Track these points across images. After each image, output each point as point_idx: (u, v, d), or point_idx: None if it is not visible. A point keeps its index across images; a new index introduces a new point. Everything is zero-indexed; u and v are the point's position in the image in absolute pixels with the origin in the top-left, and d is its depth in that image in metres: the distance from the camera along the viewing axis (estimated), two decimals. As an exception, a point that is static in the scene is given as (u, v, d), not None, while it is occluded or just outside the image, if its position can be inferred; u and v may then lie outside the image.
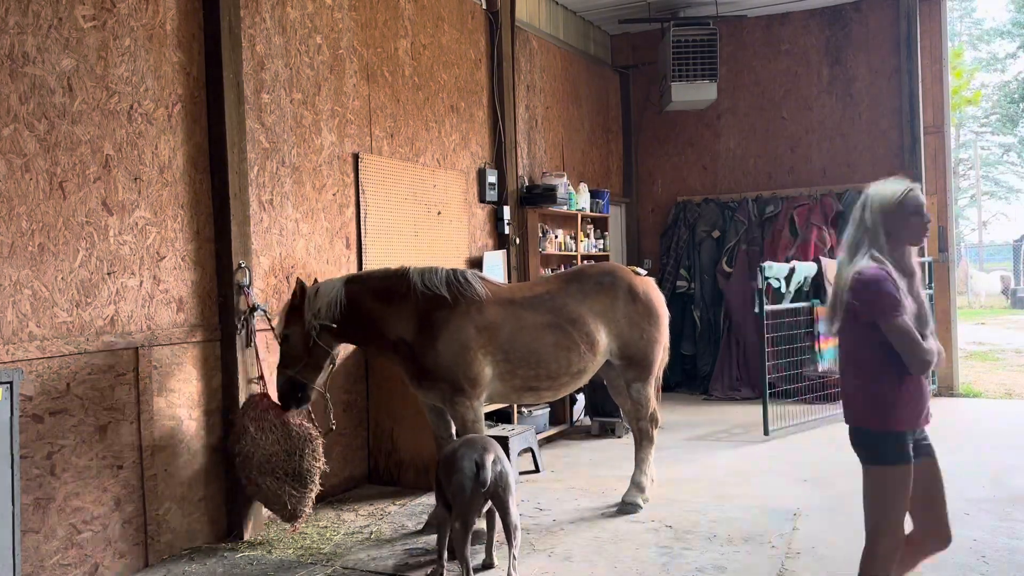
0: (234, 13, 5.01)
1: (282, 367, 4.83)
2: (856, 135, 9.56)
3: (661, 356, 5.49)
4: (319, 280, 5.00)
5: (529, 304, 5.02)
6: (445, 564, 4.27)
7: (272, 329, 5.15)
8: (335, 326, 4.77)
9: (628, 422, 5.63)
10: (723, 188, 10.21)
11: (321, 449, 4.89)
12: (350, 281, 4.91)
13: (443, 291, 4.83)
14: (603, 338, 5.13)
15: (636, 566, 4.36)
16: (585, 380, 5.25)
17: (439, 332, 4.78)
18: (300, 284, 4.81)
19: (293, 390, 4.80)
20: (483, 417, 4.99)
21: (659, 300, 5.44)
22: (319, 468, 4.86)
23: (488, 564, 4.38)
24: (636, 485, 5.35)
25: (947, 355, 9.19)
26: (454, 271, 4.97)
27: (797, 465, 6.35)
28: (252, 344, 5.04)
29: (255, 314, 5.04)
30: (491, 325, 4.87)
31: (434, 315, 4.81)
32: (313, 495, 4.88)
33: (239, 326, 4.97)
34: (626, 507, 5.29)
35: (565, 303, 5.06)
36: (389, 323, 4.85)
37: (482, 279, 5.05)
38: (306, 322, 4.74)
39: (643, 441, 5.42)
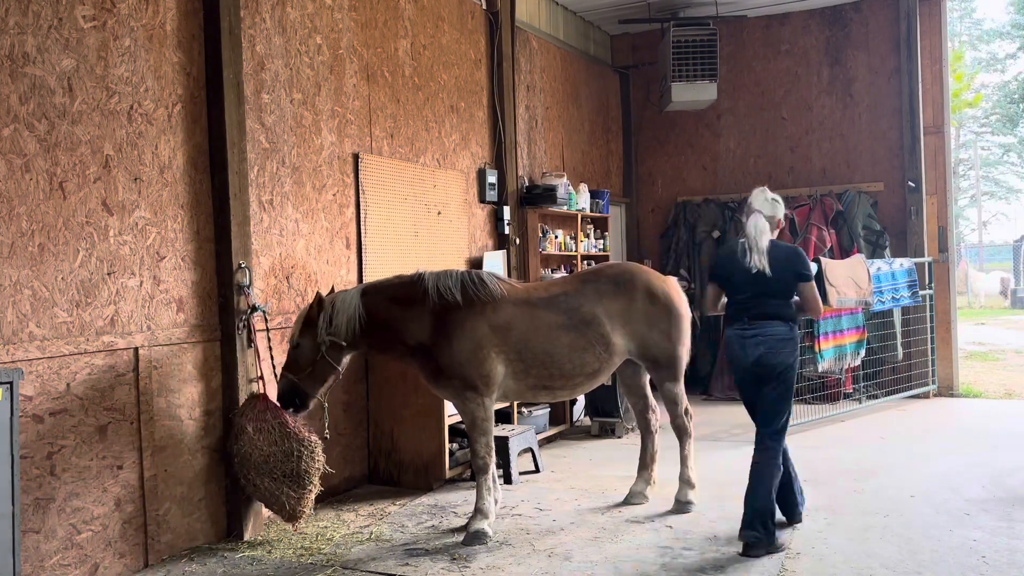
0: (234, 13, 5.01)
1: (286, 371, 4.86)
2: (856, 135, 9.56)
3: (686, 355, 5.44)
4: (335, 290, 5.03)
5: (544, 304, 5.03)
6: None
7: (267, 330, 5.17)
8: (345, 344, 4.83)
9: (637, 420, 5.64)
10: (723, 188, 10.21)
11: (320, 451, 4.89)
12: (366, 293, 4.95)
13: (457, 294, 4.88)
14: (620, 339, 5.11)
15: (636, 566, 4.36)
16: (603, 380, 5.26)
17: (454, 332, 4.83)
18: (319, 297, 4.82)
19: (293, 395, 4.83)
20: (493, 416, 5.01)
21: (680, 300, 5.36)
22: (317, 469, 4.86)
23: None
24: (687, 482, 5.32)
25: (947, 355, 9.22)
26: (468, 273, 5.02)
27: (797, 465, 6.33)
28: (252, 344, 5.04)
29: (255, 314, 5.04)
30: (505, 324, 4.90)
31: (450, 316, 4.86)
32: (312, 496, 4.89)
33: (240, 326, 4.97)
34: (682, 506, 5.24)
35: (580, 304, 5.04)
36: (408, 329, 4.90)
37: (498, 279, 5.08)
38: (318, 335, 4.78)
39: (683, 437, 5.39)
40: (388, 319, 4.91)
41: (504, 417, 6.75)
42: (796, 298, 4.65)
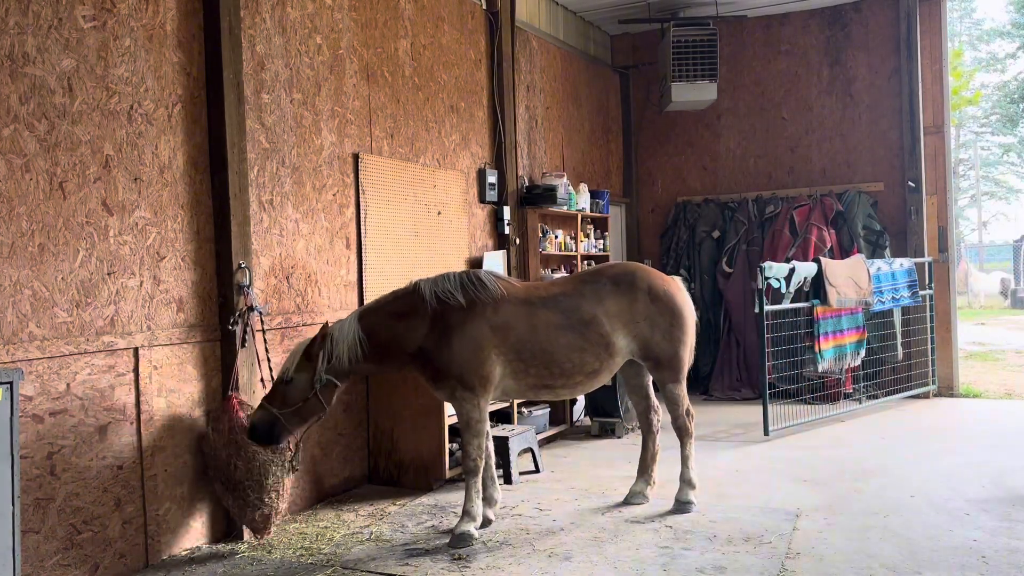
0: (234, 13, 5.01)
1: (268, 402, 4.62)
2: (856, 135, 9.56)
3: (688, 356, 5.43)
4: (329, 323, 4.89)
5: (543, 304, 5.01)
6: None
7: (264, 331, 5.17)
8: (339, 384, 4.74)
9: (639, 420, 5.63)
10: (723, 188, 10.21)
11: (261, 463, 4.67)
12: (363, 316, 4.86)
13: (459, 296, 4.86)
14: (620, 339, 5.10)
15: (636, 566, 4.36)
16: (603, 380, 5.24)
17: (454, 332, 4.81)
18: (324, 331, 4.65)
19: (270, 429, 4.57)
20: (488, 418, 5.00)
21: (683, 300, 5.34)
22: (260, 484, 4.65)
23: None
24: (687, 482, 5.32)
25: (947, 355, 9.22)
26: (467, 274, 4.99)
27: (797, 465, 6.35)
28: (246, 344, 5.01)
29: (252, 314, 5.02)
30: (505, 324, 4.89)
31: (450, 317, 4.83)
32: (260, 512, 4.71)
33: (233, 323, 4.91)
34: (682, 506, 5.25)
35: (579, 304, 5.04)
36: (410, 339, 4.84)
37: (497, 278, 5.05)
38: (317, 372, 4.64)
39: (684, 438, 5.40)
40: (391, 335, 4.83)
41: (504, 417, 6.76)
42: None
